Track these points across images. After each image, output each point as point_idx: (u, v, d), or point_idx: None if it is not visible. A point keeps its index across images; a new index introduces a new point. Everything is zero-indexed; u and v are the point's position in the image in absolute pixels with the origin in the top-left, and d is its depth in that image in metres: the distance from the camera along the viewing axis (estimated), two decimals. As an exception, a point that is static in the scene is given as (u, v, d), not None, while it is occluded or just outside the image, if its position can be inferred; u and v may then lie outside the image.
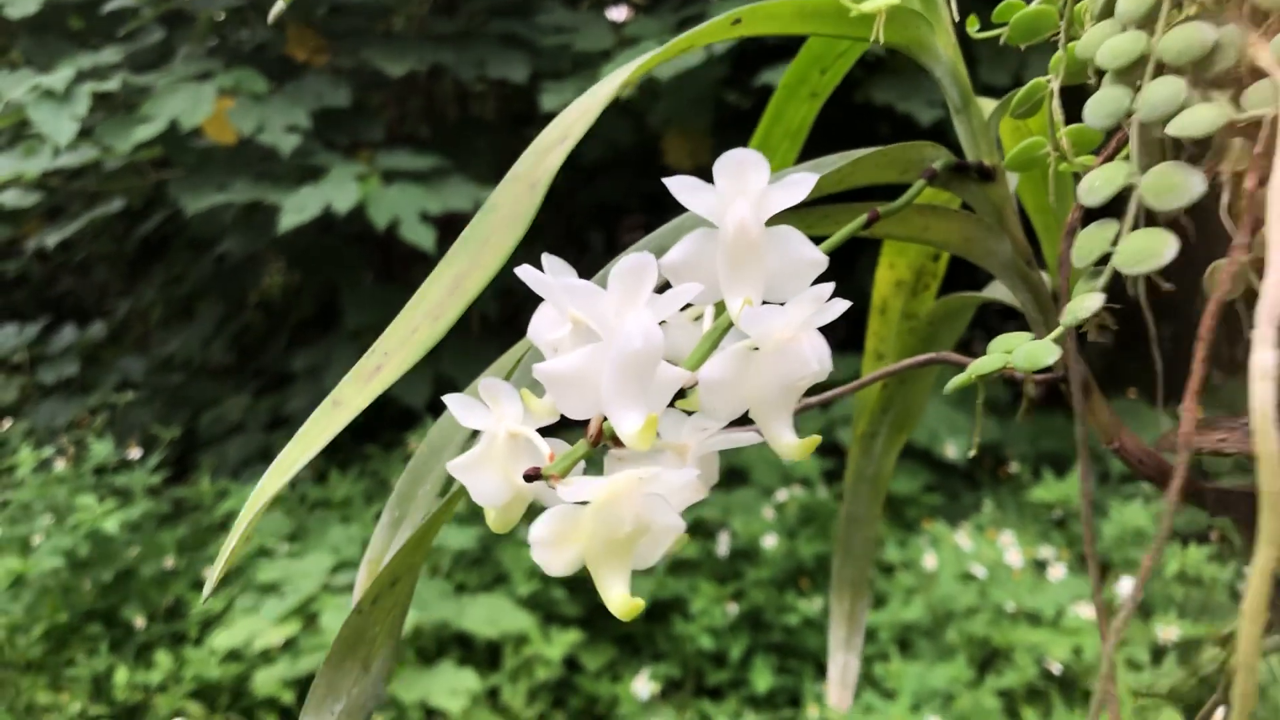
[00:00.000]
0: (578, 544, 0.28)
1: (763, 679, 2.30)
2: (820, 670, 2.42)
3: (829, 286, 0.30)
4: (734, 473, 2.84)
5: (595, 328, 0.29)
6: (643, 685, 2.15)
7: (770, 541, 2.57)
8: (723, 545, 2.59)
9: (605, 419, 0.31)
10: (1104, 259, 0.31)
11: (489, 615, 2.44)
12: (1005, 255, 0.41)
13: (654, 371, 0.29)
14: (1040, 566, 2.52)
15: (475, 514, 2.74)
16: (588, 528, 0.28)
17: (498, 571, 2.59)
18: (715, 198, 0.31)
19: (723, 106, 3.25)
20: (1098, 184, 0.31)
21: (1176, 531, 2.75)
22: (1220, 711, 0.43)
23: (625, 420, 0.29)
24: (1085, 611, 2.35)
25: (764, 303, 0.31)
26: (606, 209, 4.20)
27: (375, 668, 0.37)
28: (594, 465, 0.32)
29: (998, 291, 0.51)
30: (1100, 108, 0.31)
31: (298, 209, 2.70)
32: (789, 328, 0.30)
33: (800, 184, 0.31)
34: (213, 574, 0.32)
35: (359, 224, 2.87)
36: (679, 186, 0.31)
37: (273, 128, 2.79)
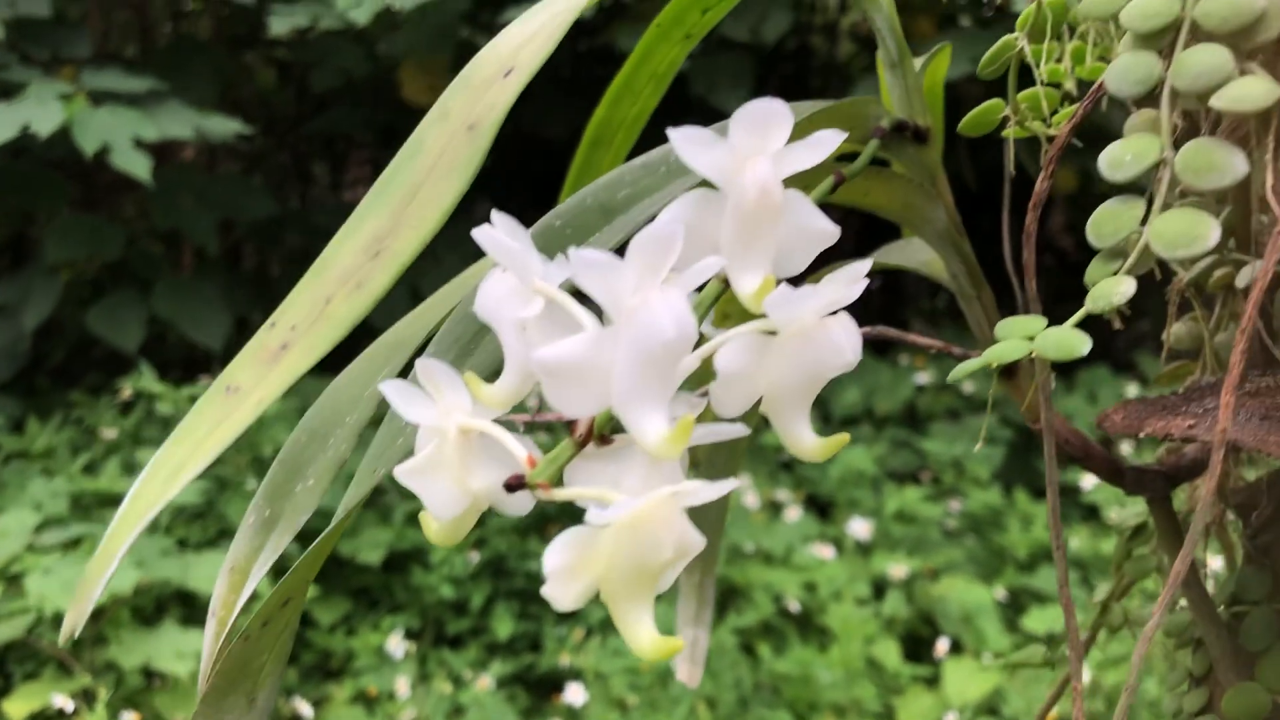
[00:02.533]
0: (593, 573, 0.23)
1: (504, 625, 2.27)
2: (563, 614, 2.42)
3: (866, 264, 0.26)
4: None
5: (608, 308, 0.24)
6: (395, 645, 2.08)
7: (513, 489, 2.54)
8: (465, 493, 2.53)
9: (596, 416, 0.26)
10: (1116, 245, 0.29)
11: (214, 572, 2.29)
12: (941, 223, 0.39)
13: (678, 365, 0.24)
14: (776, 508, 2.60)
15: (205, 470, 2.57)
16: (611, 555, 0.23)
17: (222, 526, 2.43)
18: (728, 155, 0.26)
19: (464, 44, 3.13)
20: (1127, 159, 0.28)
21: (893, 473, 2.91)
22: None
23: (649, 424, 0.24)
24: (816, 550, 2.45)
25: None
26: (335, 141, 3.99)
27: (261, 700, 0.31)
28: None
29: (890, 257, 0.49)
30: (1129, 73, 0.29)
31: (-11, 128, 2.41)
32: (821, 311, 0.26)
33: (825, 142, 0.26)
34: (72, 625, 0.25)
35: (60, 148, 2.59)
36: (684, 140, 0.26)
37: (-44, 35, 2.48)
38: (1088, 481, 2.60)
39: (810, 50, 3.78)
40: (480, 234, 0.27)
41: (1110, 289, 0.28)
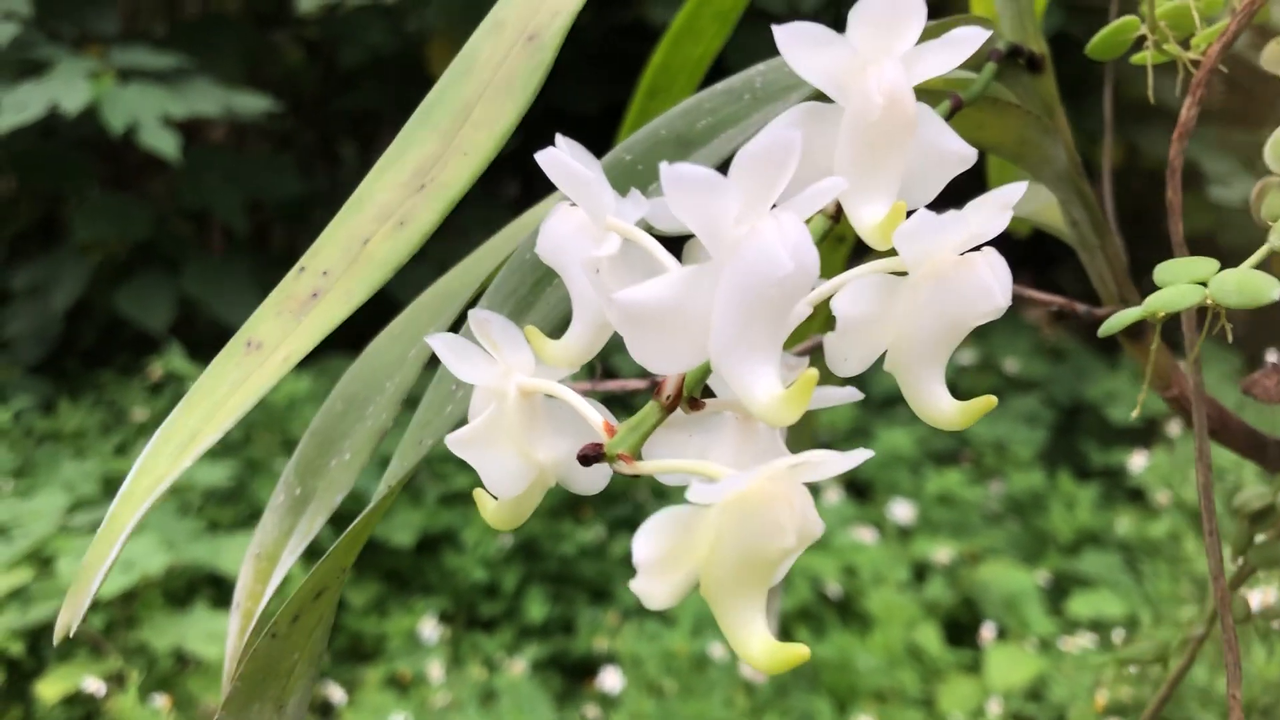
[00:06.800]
0: (693, 563, 0.19)
1: (537, 608, 2.24)
2: (595, 596, 2.39)
3: (1021, 187, 0.21)
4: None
5: (707, 239, 0.20)
6: (429, 629, 2.05)
7: (546, 470, 2.50)
8: (498, 475, 2.50)
9: (685, 376, 0.22)
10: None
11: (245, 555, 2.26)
12: (1060, 163, 0.34)
13: (794, 308, 0.20)
14: (814, 490, 2.54)
15: (228, 448, 2.54)
16: (716, 541, 0.19)
17: (252, 508, 2.41)
18: (848, 57, 0.22)
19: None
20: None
21: (933, 455, 2.86)
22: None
23: (758, 381, 0.19)
24: (856, 534, 2.40)
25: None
26: (363, 119, 3.95)
27: (292, 707, 0.27)
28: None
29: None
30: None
31: (18, 107, 2.40)
32: (963, 245, 0.21)
33: (967, 41, 0.22)
34: (68, 621, 0.20)
35: (88, 127, 2.57)
36: (791, 39, 0.21)
37: (-16, 13, 2.45)
38: (1135, 464, 2.54)
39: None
40: (546, 158, 0.22)
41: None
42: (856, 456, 0.19)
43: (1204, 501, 0.28)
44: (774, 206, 0.20)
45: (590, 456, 0.21)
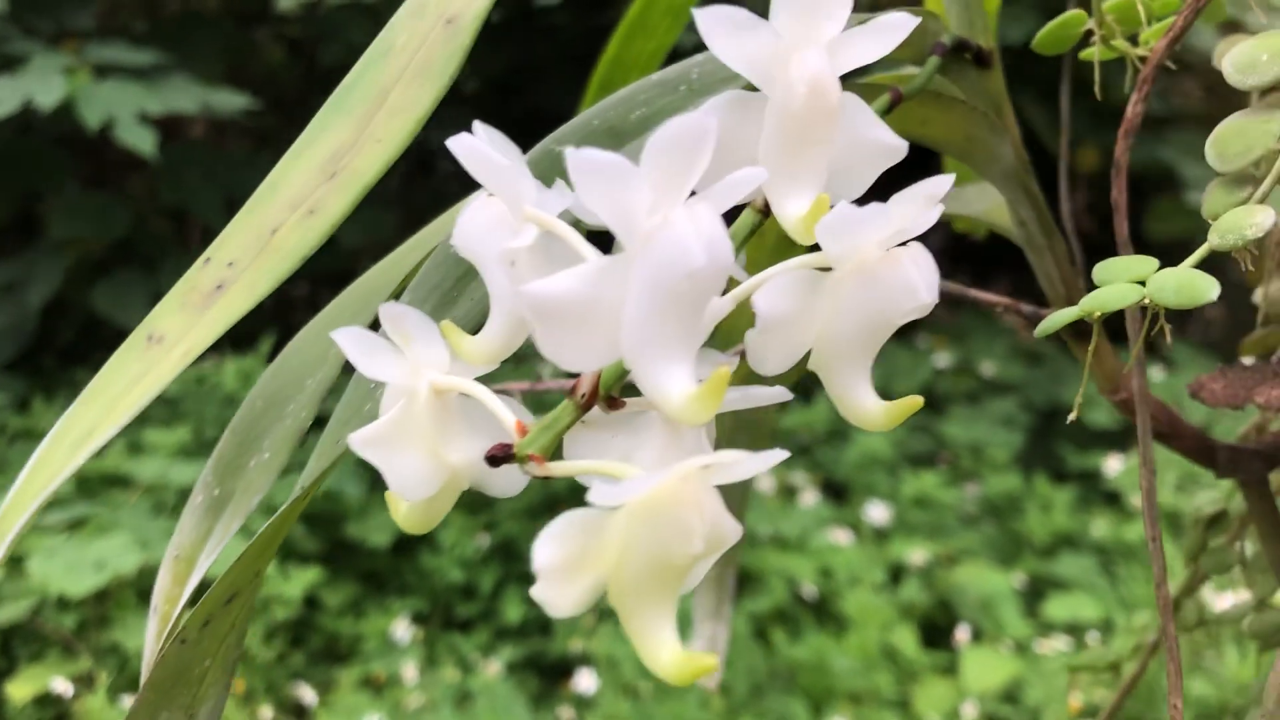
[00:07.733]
0: (599, 570, 0.18)
1: (514, 610, 2.23)
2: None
3: (949, 179, 0.20)
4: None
5: (618, 230, 0.19)
6: (402, 630, 2.04)
7: (524, 471, 2.49)
8: (475, 475, 2.49)
9: (601, 372, 0.21)
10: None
11: (222, 553, 2.25)
12: (1007, 160, 0.33)
13: (708, 304, 0.19)
14: (791, 492, 2.55)
15: (203, 445, 2.52)
16: (623, 547, 0.18)
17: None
18: (770, 42, 0.21)
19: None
20: (1263, 58, 0.22)
21: (910, 457, 2.85)
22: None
23: (670, 379, 0.18)
24: (833, 536, 2.40)
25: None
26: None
27: (203, 716, 0.26)
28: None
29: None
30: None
31: (-9, 102, 2.37)
32: (888, 240, 0.20)
33: (895, 27, 0.21)
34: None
35: (65, 123, 2.55)
36: (713, 22, 0.20)
37: (-43, 6, 2.43)
38: (1111, 467, 2.54)
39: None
40: (459, 145, 0.22)
41: (1243, 221, 0.22)
42: (772, 457, 0.18)
43: (1147, 507, 0.27)
44: (692, 196, 0.20)
45: (499, 457, 0.20)
